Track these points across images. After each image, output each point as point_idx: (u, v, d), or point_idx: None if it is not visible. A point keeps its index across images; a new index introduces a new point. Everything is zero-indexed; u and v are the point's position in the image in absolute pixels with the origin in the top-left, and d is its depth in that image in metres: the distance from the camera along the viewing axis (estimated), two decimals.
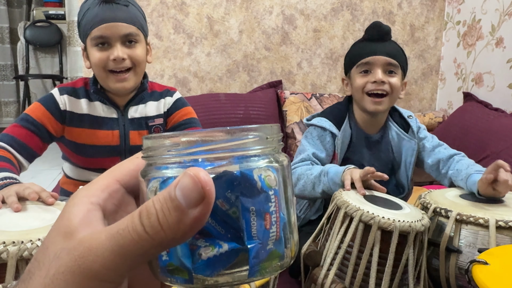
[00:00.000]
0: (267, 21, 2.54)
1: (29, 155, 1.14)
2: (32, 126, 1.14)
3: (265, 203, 0.23)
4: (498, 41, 2.33)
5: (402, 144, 1.32)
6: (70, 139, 1.22)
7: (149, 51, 1.25)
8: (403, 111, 1.39)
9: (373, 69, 1.25)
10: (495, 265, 0.77)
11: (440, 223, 1.05)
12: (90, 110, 1.22)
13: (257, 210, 0.23)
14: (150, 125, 1.28)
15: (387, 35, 1.26)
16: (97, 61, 1.13)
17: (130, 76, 1.16)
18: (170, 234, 0.20)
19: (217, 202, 0.22)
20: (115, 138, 1.23)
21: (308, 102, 2.48)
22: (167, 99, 1.32)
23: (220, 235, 0.23)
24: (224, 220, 0.23)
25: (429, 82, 2.87)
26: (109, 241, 0.20)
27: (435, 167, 1.30)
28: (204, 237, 0.23)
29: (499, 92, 2.34)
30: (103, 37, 1.12)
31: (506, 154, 1.95)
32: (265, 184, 0.23)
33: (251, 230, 0.23)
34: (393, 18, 2.70)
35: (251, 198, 0.23)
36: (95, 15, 1.10)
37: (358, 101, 1.31)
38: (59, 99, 1.19)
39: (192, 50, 2.47)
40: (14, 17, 4.52)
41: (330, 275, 0.95)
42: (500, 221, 0.95)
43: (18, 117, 1.18)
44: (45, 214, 0.83)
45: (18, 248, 0.70)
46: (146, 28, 1.22)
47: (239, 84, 2.58)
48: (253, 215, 0.23)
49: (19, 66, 4.03)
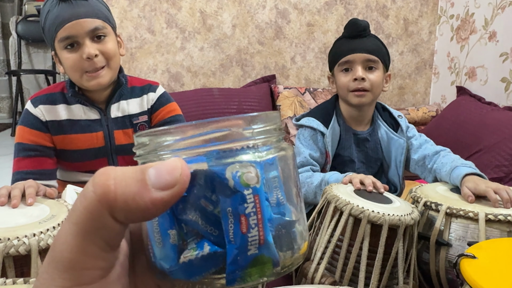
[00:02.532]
0: (261, 16, 2.53)
1: (48, 176, 1.14)
2: (31, 152, 1.13)
3: (239, 204, 0.21)
4: (491, 35, 2.33)
5: (391, 143, 1.33)
6: (57, 147, 1.20)
7: (121, 43, 1.21)
8: (393, 111, 1.40)
9: (353, 66, 1.28)
10: (483, 259, 0.77)
11: (431, 217, 1.05)
12: (69, 115, 1.18)
13: (233, 211, 0.21)
14: (135, 123, 1.25)
15: (364, 31, 1.28)
16: (71, 63, 1.09)
17: (104, 71, 1.12)
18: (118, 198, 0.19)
19: (201, 202, 0.21)
20: (99, 140, 1.20)
21: (301, 97, 2.47)
22: (150, 95, 1.28)
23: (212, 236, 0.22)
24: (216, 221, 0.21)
25: (423, 76, 2.87)
26: (67, 223, 0.20)
27: (420, 162, 1.30)
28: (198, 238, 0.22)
29: (492, 86, 2.34)
30: (69, 37, 1.07)
31: (498, 148, 1.96)
32: (239, 183, 0.21)
33: (229, 233, 0.21)
34: (386, 12, 2.69)
35: (227, 198, 0.21)
36: (56, 17, 1.06)
37: (343, 98, 1.34)
38: (36, 112, 1.15)
39: (185, 44, 2.46)
40: (5, 11, 4.48)
41: (320, 269, 0.96)
42: (490, 214, 0.95)
43: (14, 151, 1.15)
44: (33, 211, 0.83)
45: (5, 245, 0.69)
46: (113, 19, 1.17)
47: (233, 79, 2.57)
48: (230, 217, 0.21)
49: (11, 61, 4.00)
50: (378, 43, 1.31)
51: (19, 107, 3.78)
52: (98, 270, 0.20)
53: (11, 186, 0.90)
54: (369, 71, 1.28)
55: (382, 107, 1.41)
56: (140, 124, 1.26)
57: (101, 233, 0.19)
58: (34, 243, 0.71)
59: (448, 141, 2.24)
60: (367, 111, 1.35)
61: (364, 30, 1.28)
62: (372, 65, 1.28)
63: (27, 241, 0.71)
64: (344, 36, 1.32)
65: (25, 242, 0.71)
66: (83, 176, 1.25)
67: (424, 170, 1.30)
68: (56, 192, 0.97)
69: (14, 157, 1.15)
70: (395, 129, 1.35)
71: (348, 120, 1.36)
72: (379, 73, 1.29)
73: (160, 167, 0.19)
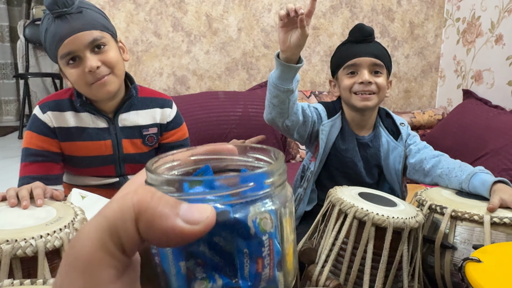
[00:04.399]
0: (266, 19, 2.53)
1: (54, 181, 1.15)
2: (38, 157, 1.14)
3: (258, 248, 0.23)
4: (498, 38, 2.32)
5: (391, 151, 1.32)
6: (64, 153, 1.21)
7: (123, 48, 1.21)
8: (397, 118, 1.40)
9: (359, 70, 1.28)
10: (488, 263, 0.77)
11: (436, 220, 1.05)
12: (78, 122, 1.19)
13: (250, 253, 0.23)
14: (144, 134, 1.25)
15: (370, 36, 1.30)
16: (75, 78, 1.10)
17: (110, 78, 1.12)
18: (149, 210, 0.20)
19: (214, 239, 0.23)
20: (108, 148, 1.21)
21: (307, 100, 2.48)
22: (167, 111, 1.28)
23: (218, 267, 0.23)
24: (222, 254, 0.23)
25: (429, 79, 2.87)
26: (95, 218, 0.21)
27: (417, 166, 1.29)
28: (204, 267, 0.23)
29: (498, 89, 2.33)
30: (70, 53, 1.07)
31: (505, 152, 1.95)
32: (259, 230, 0.23)
33: (244, 271, 0.23)
34: (392, 15, 2.69)
35: (245, 241, 0.23)
36: (54, 35, 1.07)
37: (346, 101, 1.33)
38: (44, 118, 1.16)
39: (191, 48, 2.47)
40: (13, 15, 4.54)
41: (324, 272, 0.96)
42: (495, 217, 0.95)
43: (21, 155, 1.16)
44: (39, 213, 0.84)
45: (12, 247, 0.70)
46: (111, 26, 1.17)
47: (238, 82, 2.58)
48: (246, 256, 0.23)
49: (19, 65, 4.04)
50: (382, 49, 1.32)
51: (26, 110, 3.82)
52: (114, 269, 0.21)
53: (18, 187, 0.91)
54: (375, 75, 1.29)
55: (386, 113, 1.41)
56: (149, 136, 1.26)
57: (122, 235, 0.20)
58: (41, 244, 0.72)
59: (454, 145, 2.23)
60: (370, 115, 1.34)
61: (370, 35, 1.29)
62: (378, 69, 1.28)
63: (34, 242, 0.71)
64: (350, 41, 1.32)
65: (32, 244, 0.71)
66: (90, 180, 1.25)
67: (421, 174, 1.29)
68: (62, 194, 0.98)
69: (21, 161, 1.16)
70: (396, 136, 1.35)
71: (351, 124, 1.36)
72: (384, 78, 1.30)
73: (192, 205, 0.21)
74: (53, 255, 0.75)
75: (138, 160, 1.26)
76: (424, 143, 1.35)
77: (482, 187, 1.09)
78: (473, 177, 1.13)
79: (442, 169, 1.22)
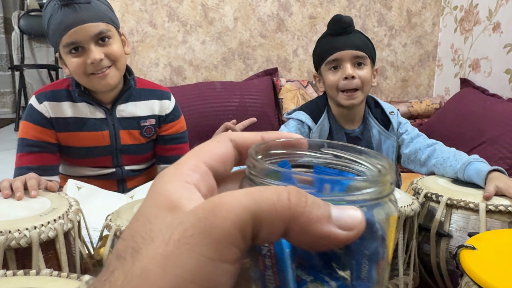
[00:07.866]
0: (262, 8, 2.51)
1: (50, 171, 1.15)
2: (34, 148, 1.13)
3: (381, 249, 0.23)
4: (495, 26, 2.31)
5: (383, 142, 1.32)
6: (61, 144, 1.20)
7: (125, 41, 1.20)
8: (386, 106, 1.38)
9: (342, 64, 1.26)
10: (483, 250, 0.77)
11: (431, 208, 1.05)
12: (75, 113, 1.18)
13: (371, 254, 0.23)
14: (142, 125, 1.25)
15: (349, 27, 1.26)
16: (75, 68, 1.09)
17: (111, 71, 1.12)
18: (305, 215, 0.19)
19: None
20: (105, 139, 1.21)
21: (304, 90, 2.47)
22: (165, 102, 1.28)
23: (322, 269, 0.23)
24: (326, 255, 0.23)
25: (426, 68, 2.86)
26: (245, 196, 0.19)
27: (412, 156, 1.29)
28: (307, 270, 0.23)
29: (496, 77, 2.33)
30: (74, 42, 1.07)
31: (502, 140, 1.95)
32: (384, 231, 0.23)
33: (361, 272, 0.23)
34: (389, 3, 2.67)
35: (368, 243, 0.23)
36: (59, 22, 1.05)
37: (332, 98, 1.32)
38: (41, 108, 1.15)
39: (186, 38, 2.46)
40: (8, 6, 4.49)
41: None
42: (490, 205, 0.95)
43: (17, 146, 1.15)
44: (33, 204, 0.83)
45: (6, 238, 0.70)
46: (116, 19, 1.16)
47: (235, 72, 2.57)
48: (365, 258, 0.23)
49: (14, 56, 4.01)
50: (364, 38, 1.29)
51: (22, 102, 3.80)
52: (240, 253, 0.19)
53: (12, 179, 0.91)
54: (358, 68, 1.26)
55: (375, 102, 1.38)
56: (147, 127, 1.26)
57: (263, 230, 0.19)
58: (35, 235, 0.71)
59: (451, 133, 2.23)
60: (358, 110, 1.33)
61: (349, 26, 1.26)
62: (361, 61, 1.26)
63: (28, 233, 0.71)
64: (329, 34, 1.28)
65: (26, 235, 0.71)
66: (87, 171, 1.25)
67: (416, 164, 1.28)
68: (57, 185, 0.97)
69: (17, 152, 1.15)
70: (386, 126, 1.34)
71: (339, 119, 1.34)
72: (368, 69, 1.27)
73: (342, 209, 0.20)
74: (48, 246, 0.74)
75: (135, 151, 1.26)
76: (417, 131, 1.34)
77: (477, 177, 1.09)
78: (468, 167, 1.12)
79: (437, 159, 1.22)
